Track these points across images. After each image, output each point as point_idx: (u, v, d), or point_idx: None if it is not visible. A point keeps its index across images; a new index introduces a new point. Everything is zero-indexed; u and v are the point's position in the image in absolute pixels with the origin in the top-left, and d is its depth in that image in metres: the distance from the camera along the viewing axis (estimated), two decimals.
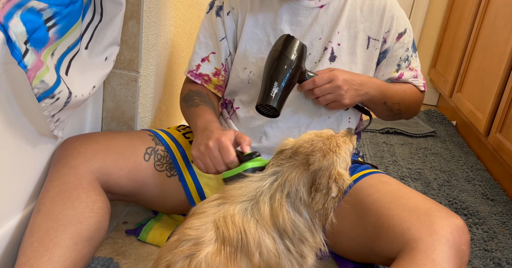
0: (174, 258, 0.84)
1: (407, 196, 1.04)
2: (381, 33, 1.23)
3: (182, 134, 1.29)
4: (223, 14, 1.27)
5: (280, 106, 1.10)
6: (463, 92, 2.37)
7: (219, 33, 1.27)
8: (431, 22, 2.97)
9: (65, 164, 1.07)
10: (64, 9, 0.97)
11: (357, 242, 1.09)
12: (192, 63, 1.31)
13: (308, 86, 1.14)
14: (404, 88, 1.29)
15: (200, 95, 1.28)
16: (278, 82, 1.09)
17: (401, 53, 1.27)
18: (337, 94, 1.14)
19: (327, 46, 1.22)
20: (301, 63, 1.12)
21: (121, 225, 1.32)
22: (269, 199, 0.90)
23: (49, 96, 0.94)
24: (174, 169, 1.21)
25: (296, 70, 1.11)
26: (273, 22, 1.23)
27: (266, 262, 0.87)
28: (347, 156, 0.94)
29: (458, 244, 0.93)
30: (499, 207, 1.69)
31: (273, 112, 1.12)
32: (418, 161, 2.05)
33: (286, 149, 0.95)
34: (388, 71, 1.28)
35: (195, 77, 1.31)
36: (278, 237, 0.88)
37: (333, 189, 0.87)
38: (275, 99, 1.09)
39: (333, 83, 1.13)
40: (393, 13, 1.23)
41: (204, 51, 1.30)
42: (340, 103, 1.16)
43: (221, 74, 1.30)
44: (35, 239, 0.96)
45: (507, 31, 1.94)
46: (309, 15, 1.22)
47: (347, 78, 1.14)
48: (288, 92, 1.12)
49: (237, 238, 0.85)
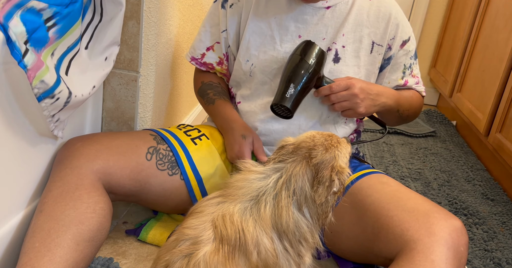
0: (172, 257, 0.85)
1: (407, 197, 1.04)
2: (385, 39, 1.26)
3: (184, 132, 1.30)
4: (227, 6, 1.30)
5: (294, 107, 1.13)
6: (463, 92, 2.37)
7: (221, 25, 1.31)
8: (431, 22, 2.97)
9: (68, 164, 1.07)
10: (64, 9, 0.97)
11: (356, 242, 1.09)
12: (197, 50, 1.37)
13: (325, 92, 1.16)
14: (411, 95, 1.33)
15: (213, 87, 1.36)
16: (294, 84, 1.12)
17: (405, 60, 1.30)
18: (353, 102, 1.16)
19: (331, 47, 1.23)
20: (319, 68, 1.14)
21: (121, 225, 1.32)
22: (273, 198, 0.90)
23: (49, 96, 0.94)
24: (176, 167, 1.21)
25: (313, 75, 1.13)
26: (278, 18, 1.25)
27: (264, 261, 0.87)
28: (347, 154, 0.95)
29: (457, 245, 0.93)
30: (499, 207, 1.69)
31: (286, 113, 1.15)
32: (418, 161, 2.05)
33: (287, 144, 0.96)
34: (394, 78, 1.32)
35: (200, 65, 1.38)
36: (277, 237, 0.88)
37: (335, 182, 0.88)
38: (289, 100, 1.11)
39: (349, 90, 1.14)
40: (398, 21, 1.26)
41: (209, 40, 1.35)
42: (355, 112, 1.18)
43: (224, 63, 1.36)
44: (36, 239, 0.96)
45: (507, 31, 1.94)
46: (315, 15, 1.23)
47: (364, 87, 1.16)
48: (303, 95, 1.14)
49: (235, 237, 0.85)
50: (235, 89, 1.36)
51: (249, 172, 0.95)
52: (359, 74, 1.24)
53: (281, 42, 1.24)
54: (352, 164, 1.24)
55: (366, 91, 1.16)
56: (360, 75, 1.25)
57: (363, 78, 1.25)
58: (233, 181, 0.95)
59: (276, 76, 1.25)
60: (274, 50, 1.25)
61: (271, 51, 1.25)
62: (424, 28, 2.98)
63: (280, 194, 0.89)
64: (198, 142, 1.26)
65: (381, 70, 1.31)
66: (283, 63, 1.24)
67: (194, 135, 1.28)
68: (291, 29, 1.24)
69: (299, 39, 1.24)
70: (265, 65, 1.25)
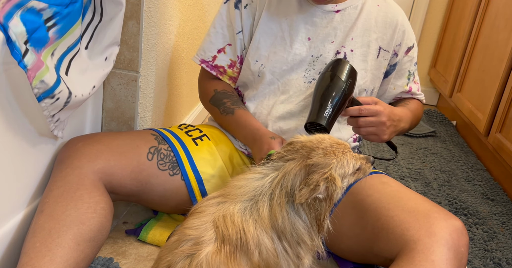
0: (174, 258, 0.85)
1: (407, 197, 1.04)
2: (391, 45, 1.28)
3: (185, 132, 1.30)
4: (241, 7, 1.29)
5: (330, 126, 1.11)
6: (463, 92, 2.37)
7: (236, 26, 1.30)
8: (431, 22, 2.97)
9: (69, 164, 1.07)
10: (64, 9, 0.97)
11: (356, 242, 1.09)
12: (207, 53, 1.34)
13: (353, 113, 1.15)
14: (416, 107, 1.35)
15: (228, 96, 1.31)
16: (332, 103, 1.10)
17: (409, 66, 1.33)
18: (379, 130, 1.15)
19: (340, 51, 1.25)
20: (353, 87, 1.14)
21: (121, 225, 1.32)
22: (269, 198, 0.89)
23: (49, 96, 0.94)
24: (177, 167, 1.21)
25: (349, 94, 1.13)
26: (289, 19, 1.26)
27: (265, 261, 0.87)
28: (348, 167, 0.92)
29: (457, 245, 0.93)
30: (499, 207, 1.69)
31: (321, 132, 1.12)
32: (418, 161, 2.05)
33: (296, 141, 0.95)
34: (399, 84, 1.34)
35: (211, 68, 1.34)
36: (276, 238, 0.88)
37: (320, 186, 0.86)
38: (327, 119, 1.10)
39: (378, 118, 1.14)
40: (404, 28, 1.29)
41: (220, 42, 1.32)
42: (379, 138, 1.18)
43: (236, 66, 1.33)
44: (37, 239, 0.96)
45: (507, 31, 1.94)
46: (325, 18, 1.25)
47: (390, 114, 1.16)
48: (338, 114, 1.13)
49: (236, 237, 0.85)
50: (242, 89, 1.36)
51: (249, 171, 0.94)
52: (365, 78, 1.26)
53: (291, 43, 1.25)
54: None
55: (392, 118, 1.16)
56: (366, 79, 1.26)
57: (368, 82, 1.27)
58: (233, 180, 0.94)
59: (284, 77, 1.25)
60: (284, 52, 1.25)
61: (281, 52, 1.25)
62: (424, 28, 2.98)
63: (274, 193, 0.89)
64: (199, 142, 1.26)
65: (386, 76, 1.33)
66: (293, 65, 1.24)
67: (195, 135, 1.28)
68: (301, 31, 1.24)
69: (308, 41, 1.25)
70: (275, 66, 1.26)
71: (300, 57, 1.24)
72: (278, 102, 1.25)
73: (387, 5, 1.29)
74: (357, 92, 1.25)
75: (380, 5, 1.28)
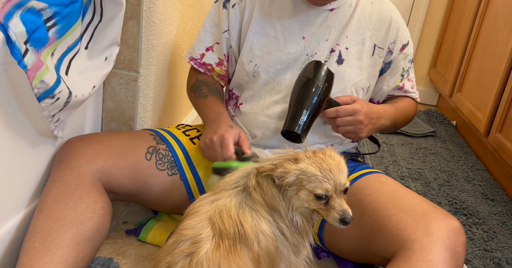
0: (174, 259, 0.85)
1: (405, 197, 1.05)
2: (386, 42, 1.28)
3: (182, 132, 1.30)
4: (229, 6, 1.29)
5: (305, 134, 1.12)
6: (463, 92, 2.37)
7: (223, 25, 1.30)
8: (431, 22, 2.97)
9: (68, 164, 1.07)
10: (64, 9, 0.97)
11: (355, 242, 1.09)
12: (196, 51, 1.34)
13: (331, 115, 1.16)
14: (406, 105, 1.34)
15: (207, 85, 1.33)
16: (306, 110, 1.11)
17: (403, 64, 1.32)
18: (357, 128, 1.17)
19: (335, 49, 1.24)
20: (329, 91, 1.15)
21: (121, 225, 1.32)
22: (254, 177, 0.92)
23: (49, 96, 0.94)
24: (175, 167, 1.21)
25: (324, 99, 1.13)
26: (282, 19, 1.25)
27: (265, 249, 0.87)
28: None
29: (454, 245, 0.94)
30: (499, 207, 1.69)
31: (297, 140, 1.13)
32: (418, 161, 2.05)
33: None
34: (393, 81, 1.33)
35: (199, 65, 1.35)
36: (273, 220, 0.89)
37: (278, 169, 0.88)
38: (302, 127, 1.10)
39: (355, 117, 1.15)
40: (398, 25, 1.29)
41: (209, 41, 1.33)
42: (357, 135, 1.19)
43: (223, 64, 1.34)
44: (36, 239, 0.96)
45: (507, 31, 1.94)
46: (319, 16, 1.24)
47: (368, 112, 1.17)
48: (314, 118, 1.14)
49: (233, 230, 0.86)
50: (237, 91, 1.35)
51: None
52: (361, 76, 1.25)
53: (285, 43, 1.25)
54: (352, 164, 1.25)
55: (369, 116, 1.17)
56: (362, 77, 1.26)
57: (364, 80, 1.26)
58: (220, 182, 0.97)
59: (278, 76, 1.25)
60: (278, 51, 1.25)
61: (275, 51, 1.25)
62: (424, 28, 2.98)
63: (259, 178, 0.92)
64: (197, 141, 1.26)
65: (381, 74, 1.32)
66: (287, 64, 1.24)
67: (193, 135, 1.29)
68: (295, 30, 1.24)
69: (303, 40, 1.24)
70: (269, 65, 1.25)
71: (295, 56, 1.24)
72: (274, 102, 1.25)
73: (380, 2, 1.29)
74: (353, 90, 1.25)
75: (374, 3, 1.28)
